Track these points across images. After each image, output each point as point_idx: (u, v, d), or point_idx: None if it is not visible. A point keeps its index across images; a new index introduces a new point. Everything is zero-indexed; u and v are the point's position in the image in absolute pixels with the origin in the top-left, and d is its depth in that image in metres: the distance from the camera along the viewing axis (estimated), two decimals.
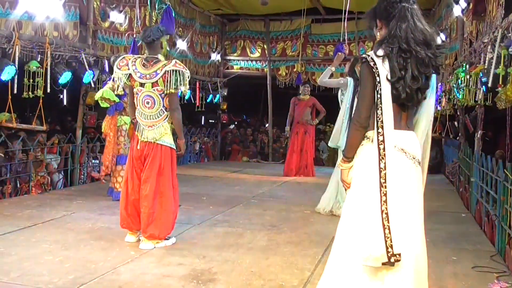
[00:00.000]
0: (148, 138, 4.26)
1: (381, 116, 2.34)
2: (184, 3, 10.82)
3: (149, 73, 4.21)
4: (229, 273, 3.66)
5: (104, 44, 8.17)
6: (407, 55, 2.36)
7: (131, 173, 4.36)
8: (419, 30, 2.40)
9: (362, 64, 2.42)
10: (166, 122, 4.30)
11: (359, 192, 2.43)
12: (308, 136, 9.56)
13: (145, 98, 4.25)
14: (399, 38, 2.37)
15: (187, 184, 7.96)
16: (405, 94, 2.36)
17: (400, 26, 2.39)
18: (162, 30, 4.36)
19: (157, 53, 4.31)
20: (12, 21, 6.13)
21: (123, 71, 4.29)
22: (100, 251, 4.09)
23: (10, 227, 4.68)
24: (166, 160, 4.28)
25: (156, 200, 4.24)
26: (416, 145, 2.47)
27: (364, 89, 2.41)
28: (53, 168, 7.57)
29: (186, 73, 4.24)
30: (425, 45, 2.39)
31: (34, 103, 6.93)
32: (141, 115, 4.31)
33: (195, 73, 11.60)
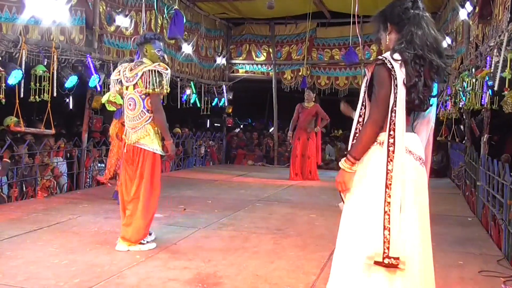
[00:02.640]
0: (132, 141, 4.30)
1: (394, 119, 2.33)
2: (190, 7, 10.86)
3: (132, 75, 4.31)
4: (235, 277, 3.65)
5: (110, 48, 8.21)
6: (422, 63, 2.36)
7: (124, 176, 4.43)
8: (433, 38, 2.41)
9: (378, 66, 2.40)
10: (148, 124, 4.29)
11: (365, 193, 2.41)
12: (311, 142, 9.56)
13: (128, 100, 4.35)
14: (416, 45, 2.37)
15: (192, 188, 7.97)
16: (419, 100, 2.37)
17: (416, 32, 2.39)
18: (147, 38, 4.40)
19: (143, 57, 4.39)
20: (19, 25, 6.17)
21: (115, 77, 4.47)
22: (106, 254, 4.09)
23: (17, 231, 4.70)
24: (147, 164, 4.27)
25: (135, 204, 4.28)
26: (420, 146, 2.49)
27: (382, 90, 2.38)
28: (59, 172, 7.60)
29: (164, 73, 4.26)
30: (437, 53, 2.40)
31: (40, 107, 6.97)
32: (126, 118, 4.38)
33: (201, 77, 11.63)
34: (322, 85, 12.47)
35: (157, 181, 4.37)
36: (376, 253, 2.29)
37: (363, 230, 2.37)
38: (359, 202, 2.43)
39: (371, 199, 2.37)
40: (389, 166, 2.33)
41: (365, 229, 2.36)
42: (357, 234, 2.39)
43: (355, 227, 2.41)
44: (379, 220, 2.31)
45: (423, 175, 2.47)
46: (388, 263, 2.28)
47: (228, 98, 12.61)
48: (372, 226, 2.33)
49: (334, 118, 9.90)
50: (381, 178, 2.34)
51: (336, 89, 12.39)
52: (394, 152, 2.33)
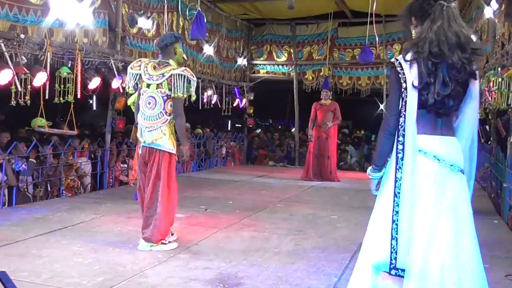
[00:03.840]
0: (147, 141, 4.30)
1: (404, 124, 2.25)
2: (211, 8, 10.91)
3: (156, 74, 4.29)
4: (256, 278, 3.65)
5: (132, 50, 8.29)
6: (438, 60, 2.22)
7: (141, 177, 4.44)
8: (453, 32, 2.24)
9: (391, 70, 2.33)
10: (165, 126, 4.29)
11: (380, 201, 2.38)
12: (331, 142, 9.52)
13: (148, 98, 4.32)
14: (430, 41, 2.23)
15: (213, 188, 8.00)
16: (434, 100, 2.23)
17: (431, 27, 2.25)
18: (177, 37, 4.44)
19: (169, 58, 4.39)
20: (43, 28, 6.27)
21: (134, 71, 4.42)
22: (128, 254, 4.14)
23: (42, 230, 4.78)
24: (163, 165, 4.28)
25: (153, 204, 4.29)
26: (454, 151, 2.31)
27: (391, 95, 2.33)
28: (83, 172, 7.71)
29: (192, 80, 4.27)
30: (459, 48, 2.23)
31: (64, 109, 7.07)
32: (142, 116, 4.36)
33: (222, 78, 11.67)
34: (344, 85, 12.40)
35: (174, 181, 4.38)
36: (383, 263, 2.23)
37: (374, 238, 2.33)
38: (375, 210, 2.40)
39: (383, 208, 2.32)
40: (397, 174, 2.25)
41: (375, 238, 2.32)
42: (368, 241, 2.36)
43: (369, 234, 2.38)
44: (387, 230, 2.25)
45: (455, 182, 2.28)
46: (394, 274, 2.21)
47: (249, 99, 12.62)
48: (381, 235, 2.28)
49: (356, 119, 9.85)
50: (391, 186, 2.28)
51: (358, 89, 12.30)
52: (404, 159, 2.24)
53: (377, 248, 2.28)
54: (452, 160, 2.28)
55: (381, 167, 2.41)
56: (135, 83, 4.43)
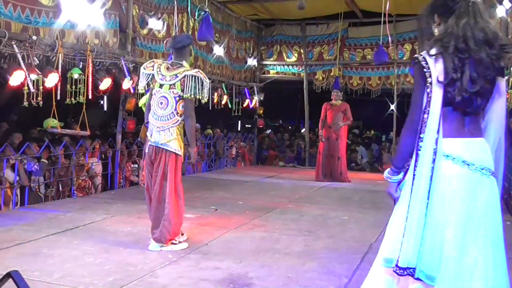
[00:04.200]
0: (156, 140, 4.31)
1: (426, 121, 2.14)
2: (221, 9, 10.92)
3: (170, 75, 4.31)
4: (266, 278, 3.65)
5: (143, 50, 8.33)
6: (465, 55, 2.13)
7: (147, 177, 4.46)
8: (480, 28, 2.15)
9: (414, 65, 2.23)
10: (175, 127, 4.30)
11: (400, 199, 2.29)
12: (341, 142, 9.49)
13: (160, 98, 4.33)
14: (456, 37, 2.15)
15: (223, 189, 8.01)
16: (461, 97, 2.14)
17: (457, 23, 2.16)
18: (192, 38, 4.47)
19: (183, 60, 4.41)
20: (55, 30, 6.31)
21: (147, 71, 4.43)
22: (139, 254, 4.15)
23: (53, 229, 4.82)
24: (170, 165, 4.28)
25: (160, 204, 4.30)
26: (484, 153, 2.21)
27: (415, 91, 2.21)
28: (94, 172, 7.76)
29: (205, 82, 4.28)
30: (486, 44, 2.14)
31: (76, 109, 7.13)
32: (153, 115, 4.37)
33: (232, 78, 11.68)
34: (354, 85, 12.35)
35: (179, 182, 4.39)
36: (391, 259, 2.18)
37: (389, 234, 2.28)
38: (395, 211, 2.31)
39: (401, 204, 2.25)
40: (415, 171, 2.16)
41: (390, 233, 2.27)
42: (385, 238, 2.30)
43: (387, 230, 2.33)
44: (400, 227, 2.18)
45: (486, 186, 2.17)
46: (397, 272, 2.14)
47: (259, 99, 12.63)
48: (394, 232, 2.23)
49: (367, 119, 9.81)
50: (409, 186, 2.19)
51: (368, 89, 12.26)
52: (422, 158, 2.14)
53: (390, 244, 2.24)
54: (482, 163, 2.19)
55: (401, 169, 2.30)
56: (147, 83, 4.44)
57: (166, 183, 4.27)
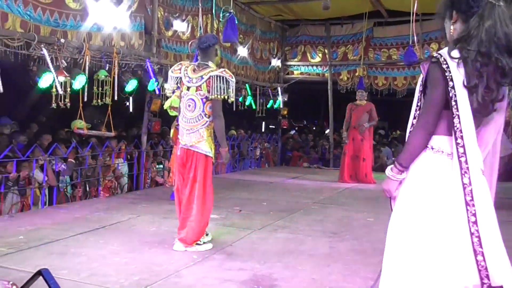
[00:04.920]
0: (186, 143, 4.33)
1: (459, 126, 2.03)
2: (245, 10, 10.95)
3: (196, 77, 4.31)
4: (290, 280, 3.64)
5: (168, 52, 8.41)
6: (486, 61, 2.04)
7: (178, 179, 4.48)
8: (503, 33, 2.04)
9: (432, 64, 2.13)
10: (204, 129, 4.30)
11: (434, 214, 2.08)
12: (366, 143, 9.39)
13: (188, 101, 4.35)
14: (479, 40, 2.05)
15: (247, 190, 8.02)
16: (477, 104, 2.05)
17: (481, 26, 2.06)
18: (217, 38, 4.48)
19: (209, 60, 4.40)
20: (82, 32, 6.42)
21: (175, 74, 4.45)
22: (164, 254, 4.19)
23: (81, 229, 4.90)
24: (200, 167, 4.30)
25: (190, 206, 4.32)
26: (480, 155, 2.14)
27: (433, 93, 2.11)
28: (120, 173, 7.86)
29: (231, 81, 4.27)
30: (507, 52, 2.05)
31: (102, 111, 7.24)
32: (183, 118, 4.39)
33: (256, 79, 11.70)
34: (380, 85, 12.23)
35: (210, 184, 4.39)
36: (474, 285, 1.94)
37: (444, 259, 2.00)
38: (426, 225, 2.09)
39: (447, 220, 2.03)
40: (464, 179, 2.00)
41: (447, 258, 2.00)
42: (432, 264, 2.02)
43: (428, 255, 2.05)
44: (466, 245, 1.96)
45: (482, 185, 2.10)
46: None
47: (283, 100, 12.61)
48: (457, 254, 1.98)
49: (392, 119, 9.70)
50: (453, 193, 2.03)
51: (394, 89, 12.12)
52: (468, 163, 2.01)
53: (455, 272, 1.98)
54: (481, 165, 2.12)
55: (406, 168, 2.19)
56: (175, 86, 4.47)
57: (196, 185, 4.30)
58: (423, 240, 2.07)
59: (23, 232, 4.71)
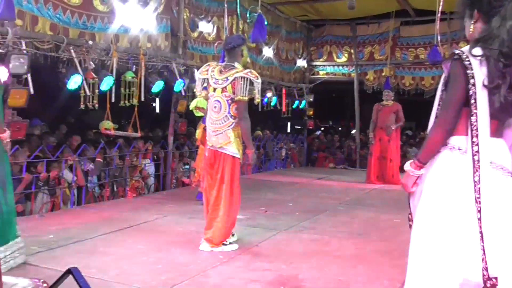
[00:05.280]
0: (213, 144, 4.34)
1: (476, 124, 2.07)
2: (270, 10, 10.94)
3: (222, 78, 4.31)
4: (316, 281, 3.61)
5: (194, 53, 8.46)
6: (508, 62, 2.04)
7: (207, 179, 4.50)
8: None
9: (454, 61, 2.12)
10: (230, 130, 4.29)
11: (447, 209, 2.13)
12: (393, 144, 9.28)
13: (214, 102, 4.35)
14: (501, 40, 2.04)
15: (273, 190, 8.01)
16: (499, 104, 2.06)
17: (503, 25, 2.05)
18: (244, 39, 4.48)
19: (235, 61, 4.39)
20: (110, 34, 6.50)
21: (202, 76, 4.47)
22: (190, 254, 4.21)
23: (109, 228, 4.97)
24: (227, 168, 4.30)
25: (218, 206, 4.32)
26: (507, 154, 2.18)
27: (454, 90, 2.12)
28: (147, 173, 7.94)
29: (256, 82, 4.25)
30: None
31: (130, 112, 7.32)
32: (209, 120, 4.41)
33: (281, 80, 11.67)
34: (407, 85, 12.06)
35: (237, 185, 4.38)
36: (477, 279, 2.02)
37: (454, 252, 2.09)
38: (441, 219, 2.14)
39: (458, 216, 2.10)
40: (475, 177, 2.06)
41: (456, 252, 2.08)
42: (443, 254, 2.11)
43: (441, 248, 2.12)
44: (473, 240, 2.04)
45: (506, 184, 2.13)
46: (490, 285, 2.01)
47: (309, 101, 12.55)
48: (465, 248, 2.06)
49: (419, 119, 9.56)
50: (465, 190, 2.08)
51: (421, 89, 11.94)
52: (480, 161, 2.05)
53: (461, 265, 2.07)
54: (502, 162, 2.15)
55: (424, 164, 2.22)
56: (203, 87, 4.49)
57: (223, 185, 4.31)
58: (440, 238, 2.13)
59: (53, 231, 4.79)
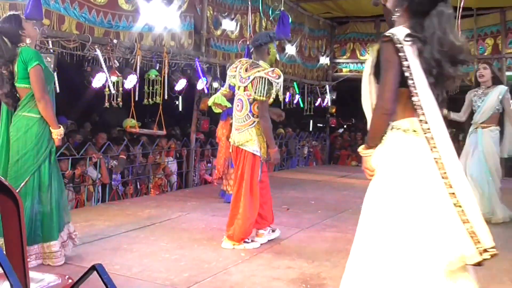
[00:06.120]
0: (235, 141, 4.36)
1: (420, 103, 2.11)
2: (293, 8, 10.89)
3: (245, 77, 4.32)
4: (339, 279, 3.54)
5: (217, 51, 8.48)
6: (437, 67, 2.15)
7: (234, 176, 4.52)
8: (449, 43, 2.16)
9: (384, 43, 2.18)
10: (252, 128, 4.30)
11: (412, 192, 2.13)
12: None
13: (237, 101, 4.40)
14: (431, 48, 2.14)
15: (295, 188, 7.99)
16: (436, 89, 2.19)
17: (434, 33, 2.15)
18: (271, 36, 4.43)
19: (261, 59, 4.39)
20: (134, 33, 6.56)
21: (231, 72, 4.50)
22: (213, 251, 4.23)
23: (132, 226, 5.02)
24: (247, 165, 4.30)
25: (237, 203, 4.33)
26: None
27: (389, 72, 2.16)
28: (170, 171, 8.00)
29: (275, 82, 4.20)
30: (450, 61, 2.18)
31: (153, 109, 7.38)
32: (233, 118, 4.47)
33: (304, 77, 11.63)
34: None
35: (257, 182, 4.35)
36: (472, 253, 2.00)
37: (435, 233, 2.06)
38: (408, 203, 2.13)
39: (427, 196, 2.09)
40: (434, 155, 2.09)
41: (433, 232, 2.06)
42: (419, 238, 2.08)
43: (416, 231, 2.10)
44: (452, 216, 2.02)
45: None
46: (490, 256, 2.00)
47: (332, 98, 12.47)
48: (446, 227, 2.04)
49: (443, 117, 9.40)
50: (430, 170, 2.09)
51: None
52: (434, 138, 2.10)
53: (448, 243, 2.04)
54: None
55: (375, 146, 2.31)
56: (229, 84, 4.57)
57: (243, 183, 4.32)
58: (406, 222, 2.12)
59: (78, 228, 4.83)
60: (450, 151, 2.11)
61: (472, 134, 5.77)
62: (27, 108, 3.64)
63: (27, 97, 3.64)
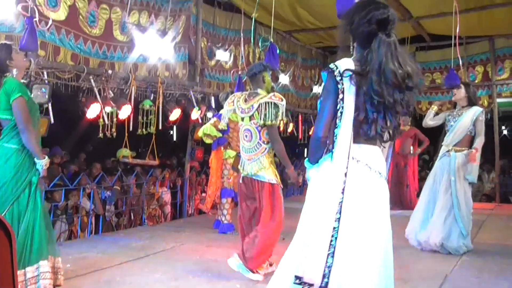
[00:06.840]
0: (248, 172, 4.33)
1: (338, 131, 2.23)
2: (286, 38, 11.04)
3: (247, 107, 4.33)
4: None
5: (211, 81, 8.54)
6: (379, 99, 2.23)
7: (243, 207, 4.47)
8: (391, 71, 2.23)
9: (328, 74, 2.30)
10: (264, 156, 4.29)
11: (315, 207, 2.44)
12: (409, 169, 9.17)
13: (244, 132, 4.38)
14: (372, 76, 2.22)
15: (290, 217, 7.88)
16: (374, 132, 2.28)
17: (374, 64, 2.22)
18: (265, 65, 4.50)
19: (258, 87, 4.43)
20: (129, 64, 6.61)
21: (229, 107, 4.52)
22: (207, 283, 4.17)
23: (125, 257, 4.96)
24: (263, 195, 4.26)
25: (253, 232, 4.27)
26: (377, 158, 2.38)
27: (326, 102, 2.29)
28: (164, 201, 7.95)
29: (280, 105, 4.24)
30: (397, 89, 2.27)
31: (147, 139, 7.38)
32: (242, 149, 4.43)
33: (297, 106, 11.70)
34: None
35: (278, 213, 4.29)
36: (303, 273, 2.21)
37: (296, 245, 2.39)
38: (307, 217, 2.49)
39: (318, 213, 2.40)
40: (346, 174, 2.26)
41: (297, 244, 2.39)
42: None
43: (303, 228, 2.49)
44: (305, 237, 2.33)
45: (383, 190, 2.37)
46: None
47: None
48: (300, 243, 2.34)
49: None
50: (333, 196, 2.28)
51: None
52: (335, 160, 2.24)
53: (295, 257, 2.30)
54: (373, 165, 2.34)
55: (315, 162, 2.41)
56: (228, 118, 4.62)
57: (262, 213, 4.25)
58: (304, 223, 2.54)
59: (71, 260, 4.79)
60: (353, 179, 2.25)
61: (444, 157, 5.59)
62: (7, 138, 3.64)
63: (7, 127, 3.65)
